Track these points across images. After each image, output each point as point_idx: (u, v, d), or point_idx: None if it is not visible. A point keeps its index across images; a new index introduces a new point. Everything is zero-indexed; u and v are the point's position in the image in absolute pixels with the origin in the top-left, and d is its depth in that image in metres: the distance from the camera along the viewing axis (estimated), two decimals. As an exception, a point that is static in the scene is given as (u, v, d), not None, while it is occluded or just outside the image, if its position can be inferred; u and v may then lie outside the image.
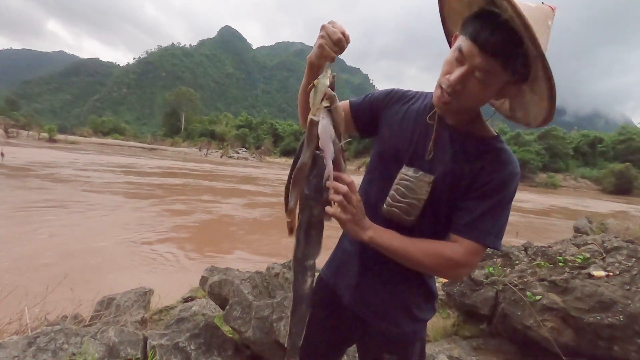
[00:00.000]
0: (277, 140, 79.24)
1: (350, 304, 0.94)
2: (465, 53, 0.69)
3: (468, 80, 0.71)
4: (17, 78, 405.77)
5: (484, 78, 0.69)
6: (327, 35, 0.74)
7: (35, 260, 5.12)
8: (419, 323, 0.94)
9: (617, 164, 54.22)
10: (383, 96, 0.96)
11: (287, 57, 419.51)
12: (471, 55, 0.68)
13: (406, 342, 0.93)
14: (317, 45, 0.77)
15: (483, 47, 0.66)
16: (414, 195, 0.81)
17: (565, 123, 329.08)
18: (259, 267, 2.37)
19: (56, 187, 11.85)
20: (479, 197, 0.78)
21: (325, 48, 0.75)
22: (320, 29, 0.76)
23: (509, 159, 0.79)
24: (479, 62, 0.67)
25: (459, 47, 0.71)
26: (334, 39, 0.74)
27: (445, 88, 0.73)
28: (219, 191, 15.09)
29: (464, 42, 0.69)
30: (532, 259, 2.38)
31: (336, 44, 0.74)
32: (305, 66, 0.83)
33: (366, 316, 0.93)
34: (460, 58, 0.70)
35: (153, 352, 1.64)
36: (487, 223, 0.77)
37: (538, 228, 12.70)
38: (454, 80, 0.71)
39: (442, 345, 2.25)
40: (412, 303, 0.91)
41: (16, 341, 1.50)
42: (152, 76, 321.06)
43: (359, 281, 0.93)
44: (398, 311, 0.90)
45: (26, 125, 64.78)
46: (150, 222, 8.24)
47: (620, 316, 1.79)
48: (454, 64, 0.72)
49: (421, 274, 0.90)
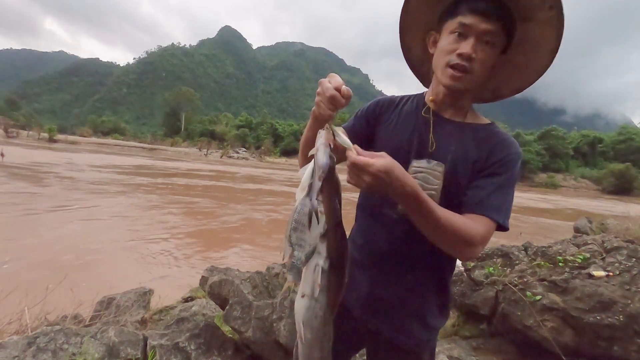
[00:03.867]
0: (277, 140, 79.20)
1: (361, 317, 0.91)
2: (471, 24, 0.74)
3: (478, 48, 0.75)
4: (17, 78, 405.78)
5: (492, 41, 0.75)
6: (322, 92, 0.68)
7: (35, 260, 5.12)
8: (434, 332, 0.92)
9: (617, 164, 54.24)
10: (373, 107, 0.97)
11: (287, 57, 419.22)
12: (477, 24, 0.74)
13: (419, 352, 0.91)
14: (316, 102, 0.71)
15: (485, 13, 0.74)
16: (430, 186, 0.80)
17: (565, 123, 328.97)
18: (259, 267, 2.38)
19: (56, 187, 11.85)
20: (489, 175, 0.79)
21: (321, 106, 0.69)
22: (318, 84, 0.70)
23: (512, 141, 0.83)
24: (484, 27, 0.74)
25: (460, 24, 0.76)
26: (327, 95, 0.66)
27: (460, 62, 0.76)
28: (220, 191, 15.08)
29: (465, 17, 0.75)
30: (532, 259, 2.38)
31: (331, 102, 0.67)
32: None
33: (378, 328, 0.90)
34: (464, 32, 0.76)
35: (153, 352, 1.64)
36: (498, 200, 0.77)
37: (538, 228, 12.69)
38: (470, 49, 0.75)
39: (442, 345, 2.25)
40: (427, 311, 0.89)
41: (16, 341, 1.50)
42: (152, 76, 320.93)
43: (369, 292, 0.90)
44: (412, 321, 0.88)
45: (26, 125, 64.85)
46: (150, 222, 8.24)
47: (620, 316, 1.79)
48: (457, 42, 0.77)
49: (437, 279, 0.89)
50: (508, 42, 0.79)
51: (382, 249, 0.89)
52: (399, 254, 0.88)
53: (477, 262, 2.57)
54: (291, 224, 0.60)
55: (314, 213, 0.59)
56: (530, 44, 0.80)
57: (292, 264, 0.60)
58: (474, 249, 0.75)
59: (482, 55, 0.76)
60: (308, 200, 0.60)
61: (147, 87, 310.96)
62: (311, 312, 0.63)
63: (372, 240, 0.91)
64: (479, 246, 0.74)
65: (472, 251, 0.75)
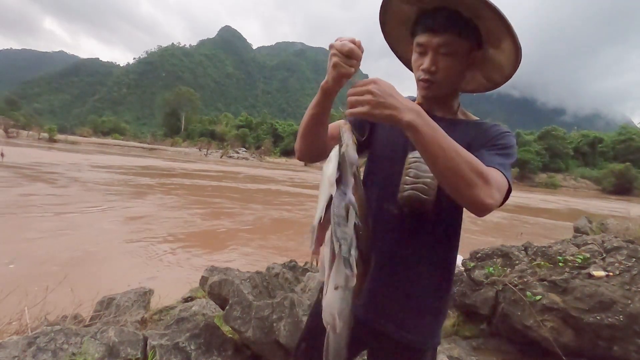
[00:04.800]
0: (277, 140, 79.19)
1: (365, 318, 0.90)
2: (424, 42, 0.81)
3: (437, 59, 0.81)
4: (17, 78, 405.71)
5: (448, 51, 0.80)
6: (337, 52, 0.68)
7: (35, 260, 5.12)
8: (438, 328, 0.92)
9: (617, 164, 54.25)
10: None
11: (287, 57, 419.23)
12: (429, 41, 0.80)
13: (424, 349, 0.90)
14: (330, 66, 0.70)
15: (433, 29, 0.79)
16: (425, 173, 0.81)
17: (565, 123, 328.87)
18: (259, 267, 2.38)
19: (56, 187, 11.86)
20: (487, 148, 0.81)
21: (341, 64, 0.68)
22: (329, 48, 0.71)
23: (503, 127, 0.88)
24: (437, 41, 0.79)
25: (417, 44, 0.83)
26: (344, 51, 0.67)
27: (424, 76, 0.83)
28: (219, 191, 15.09)
29: (419, 37, 0.83)
30: (532, 259, 2.38)
31: (349, 56, 0.67)
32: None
33: (384, 327, 0.89)
34: (422, 50, 0.83)
35: (153, 352, 1.64)
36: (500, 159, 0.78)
37: (538, 228, 12.70)
38: (428, 64, 0.81)
39: (442, 345, 2.25)
40: (432, 308, 0.89)
41: (16, 341, 1.50)
42: (152, 76, 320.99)
43: (373, 291, 0.89)
44: (418, 318, 0.88)
45: (26, 125, 64.88)
46: (150, 222, 8.24)
47: (620, 316, 1.79)
48: (420, 59, 0.84)
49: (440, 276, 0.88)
50: (476, 39, 0.83)
51: (383, 247, 0.88)
52: (401, 251, 0.88)
53: (477, 262, 2.57)
54: (333, 219, 0.60)
55: (351, 207, 0.60)
56: (493, 35, 0.83)
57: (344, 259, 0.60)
58: (490, 188, 0.66)
59: (443, 65, 0.81)
60: (342, 194, 0.61)
61: (147, 87, 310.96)
62: (345, 302, 0.64)
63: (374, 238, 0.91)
64: (493, 188, 0.67)
65: (489, 190, 0.66)
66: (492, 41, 0.83)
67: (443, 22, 0.78)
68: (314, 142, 0.87)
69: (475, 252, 2.67)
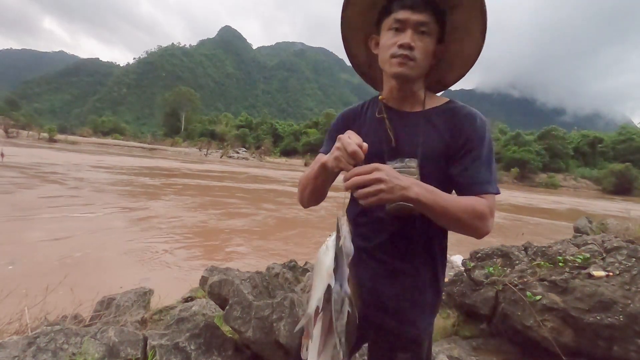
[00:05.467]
0: (277, 140, 79.22)
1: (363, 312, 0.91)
2: (404, 18, 0.82)
3: (415, 37, 0.82)
4: (17, 78, 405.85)
5: (426, 30, 0.82)
6: (342, 147, 0.73)
7: (35, 260, 5.12)
8: (432, 319, 0.96)
9: (617, 164, 54.22)
10: (340, 122, 1.02)
11: (287, 57, 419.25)
12: (409, 17, 0.82)
13: (419, 339, 0.94)
14: (333, 157, 0.76)
15: (414, 7, 0.81)
16: None
17: (565, 123, 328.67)
18: (259, 267, 2.38)
19: (56, 187, 11.86)
20: (467, 152, 0.84)
21: (342, 161, 0.74)
22: (337, 140, 0.76)
23: (474, 112, 0.88)
24: (417, 18, 0.81)
25: (395, 20, 0.83)
26: (349, 150, 0.72)
27: (402, 52, 0.82)
28: (219, 191, 15.09)
29: (398, 14, 0.83)
30: (532, 259, 2.38)
31: (352, 157, 0.72)
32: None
33: (383, 320, 0.93)
34: (401, 26, 0.83)
35: (153, 352, 1.64)
36: (486, 175, 0.83)
37: (538, 228, 12.70)
38: (408, 39, 0.82)
39: (442, 345, 2.25)
40: (426, 301, 0.92)
41: (16, 341, 1.50)
42: (152, 76, 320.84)
43: (371, 287, 0.92)
44: (414, 311, 0.91)
45: (26, 125, 64.86)
46: (150, 222, 8.25)
47: (620, 316, 1.79)
48: (396, 36, 0.84)
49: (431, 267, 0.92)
50: (442, 32, 0.87)
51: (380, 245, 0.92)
52: (397, 248, 0.91)
53: (477, 262, 2.57)
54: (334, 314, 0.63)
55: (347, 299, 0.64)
56: (462, 29, 0.87)
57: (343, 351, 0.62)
58: (487, 222, 0.79)
59: (420, 44, 0.83)
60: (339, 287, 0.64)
61: (147, 87, 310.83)
62: None
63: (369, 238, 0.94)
64: (490, 218, 0.79)
65: (486, 225, 0.79)
66: (458, 36, 0.88)
67: (422, 2, 0.82)
68: (320, 198, 0.97)
69: (475, 252, 2.67)
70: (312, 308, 0.63)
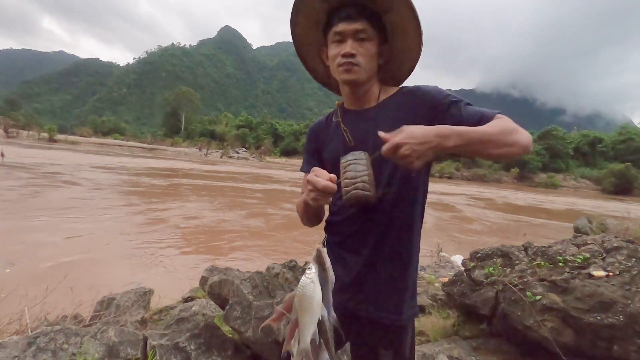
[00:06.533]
0: (277, 140, 79.20)
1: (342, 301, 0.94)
2: (342, 30, 0.88)
3: (355, 45, 0.88)
4: (17, 78, 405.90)
5: (365, 35, 0.88)
6: (314, 188, 0.78)
7: (35, 260, 5.12)
8: (413, 311, 0.97)
9: (617, 164, 54.16)
10: (312, 138, 1.10)
11: (287, 57, 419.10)
12: (346, 28, 0.88)
13: (401, 333, 0.95)
14: (311, 198, 0.81)
15: (349, 17, 0.88)
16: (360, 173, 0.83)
17: (565, 123, 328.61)
18: (259, 267, 2.38)
19: (56, 187, 11.86)
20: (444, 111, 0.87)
21: (319, 198, 0.79)
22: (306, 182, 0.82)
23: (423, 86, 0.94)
24: (353, 27, 0.87)
25: (335, 33, 0.90)
26: (320, 187, 0.77)
27: (346, 60, 0.88)
28: (219, 191, 15.09)
29: (337, 27, 0.89)
30: (532, 259, 2.38)
31: (325, 191, 0.77)
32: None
33: (365, 309, 0.94)
34: (340, 38, 0.89)
35: (153, 352, 1.64)
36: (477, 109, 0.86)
37: (538, 228, 12.70)
38: (349, 48, 0.88)
39: (442, 345, 2.25)
40: (407, 290, 0.95)
41: (16, 341, 1.50)
42: (152, 76, 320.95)
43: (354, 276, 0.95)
44: (397, 299, 0.93)
45: (26, 125, 64.82)
46: (150, 222, 8.25)
47: (620, 316, 1.78)
48: (338, 47, 0.90)
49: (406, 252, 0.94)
50: (384, 34, 0.93)
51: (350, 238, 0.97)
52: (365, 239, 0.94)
53: (477, 262, 2.57)
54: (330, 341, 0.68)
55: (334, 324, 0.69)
56: (399, 29, 0.93)
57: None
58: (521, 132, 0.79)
59: (361, 50, 0.89)
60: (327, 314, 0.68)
61: (147, 87, 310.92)
62: None
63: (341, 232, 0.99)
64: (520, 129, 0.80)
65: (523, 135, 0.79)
66: (399, 35, 0.93)
67: (356, 12, 0.88)
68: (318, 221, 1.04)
69: (475, 252, 2.66)
70: (306, 343, 0.65)
